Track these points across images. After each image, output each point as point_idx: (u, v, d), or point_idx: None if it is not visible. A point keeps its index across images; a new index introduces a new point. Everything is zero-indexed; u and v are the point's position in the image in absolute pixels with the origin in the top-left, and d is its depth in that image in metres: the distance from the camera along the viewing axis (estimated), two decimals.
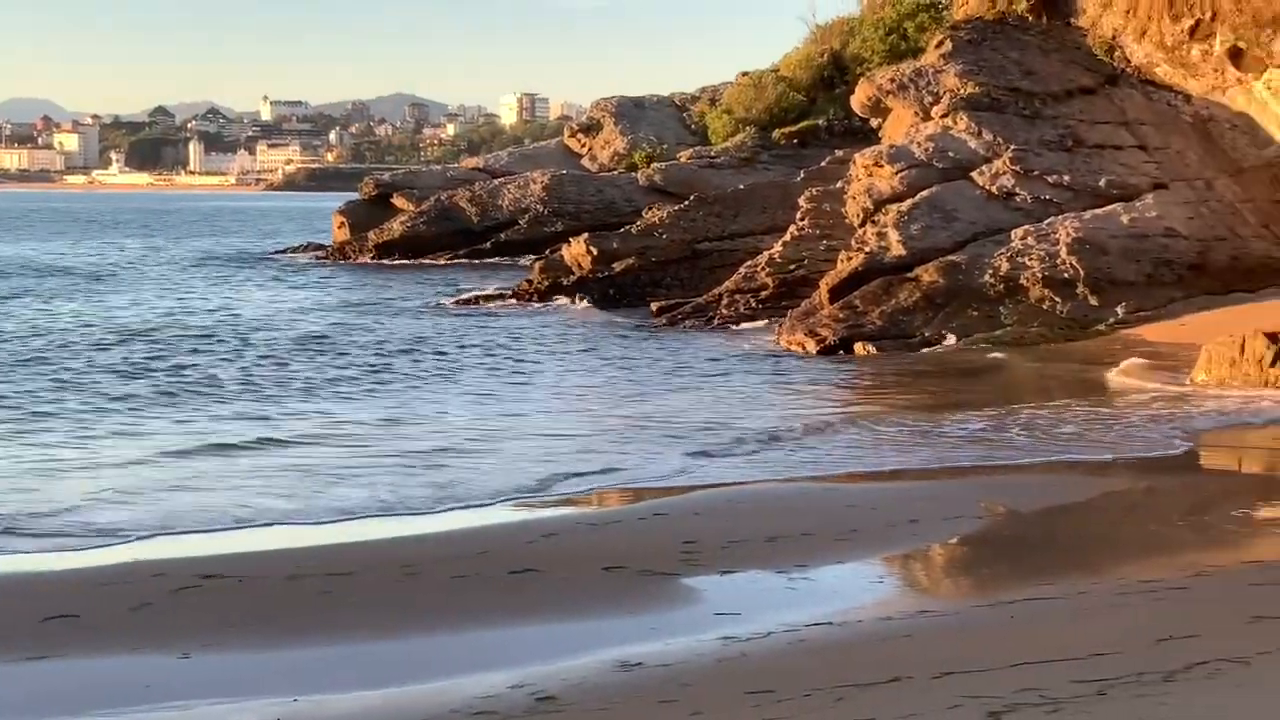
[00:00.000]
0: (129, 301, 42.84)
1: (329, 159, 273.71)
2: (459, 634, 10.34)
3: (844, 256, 32.46)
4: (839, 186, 37.04)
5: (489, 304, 40.44)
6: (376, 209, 64.00)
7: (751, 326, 33.40)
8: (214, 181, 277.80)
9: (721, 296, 35.83)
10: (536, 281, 41.91)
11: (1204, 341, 24.89)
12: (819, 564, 12.35)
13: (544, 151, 73.79)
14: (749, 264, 37.02)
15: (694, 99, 69.97)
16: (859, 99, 39.97)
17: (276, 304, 41.87)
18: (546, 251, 48.15)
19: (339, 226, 64.74)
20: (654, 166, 57.36)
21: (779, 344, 30.26)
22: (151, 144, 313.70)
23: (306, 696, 8.83)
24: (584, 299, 40.17)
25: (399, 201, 63.49)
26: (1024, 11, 38.22)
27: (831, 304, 31.26)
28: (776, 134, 55.59)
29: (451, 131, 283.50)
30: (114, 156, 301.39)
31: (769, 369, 27.33)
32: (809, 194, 37.83)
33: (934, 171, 34.29)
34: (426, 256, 57.97)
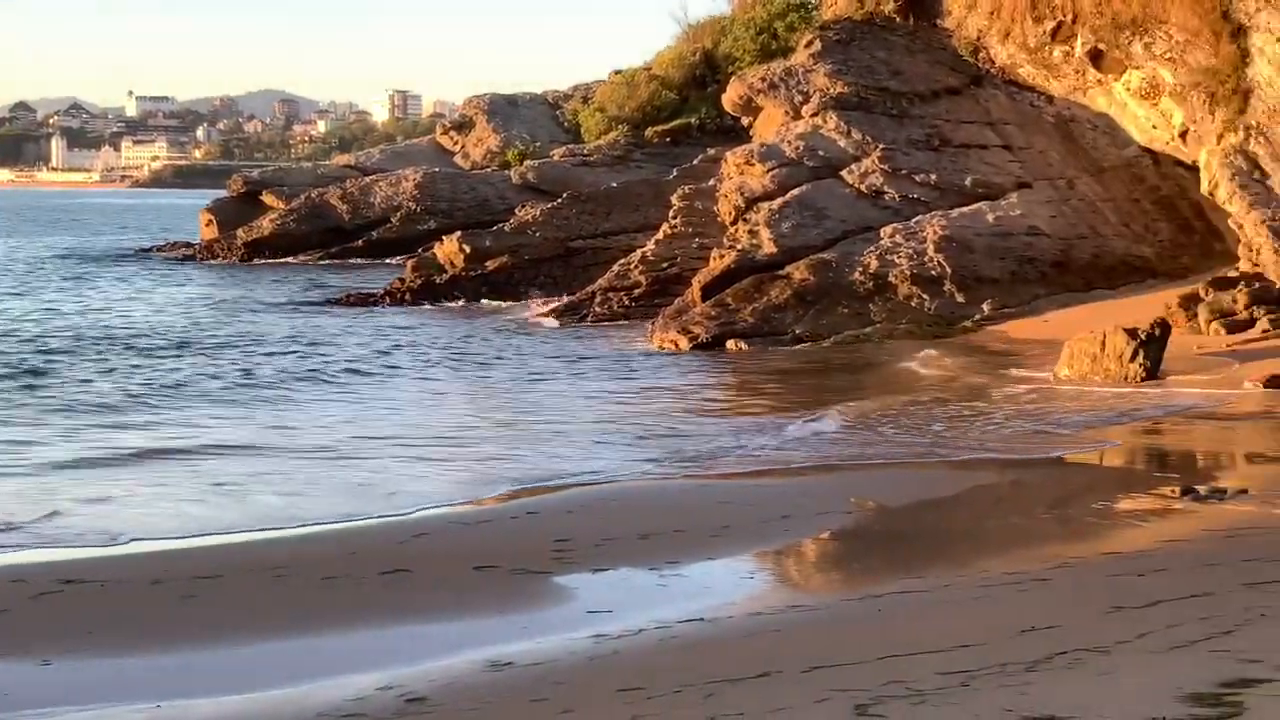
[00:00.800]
0: None
1: (197, 156, 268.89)
2: (327, 636, 10.22)
3: (716, 254, 32.64)
4: (711, 185, 37.23)
5: (362, 303, 40.01)
6: (245, 207, 63.04)
7: (625, 324, 33.46)
8: (78, 178, 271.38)
9: (595, 294, 35.85)
10: (409, 280, 41.58)
11: (1066, 338, 25.41)
12: (691, 560, 12.39)
13: (416, 149, 73.29)
14: (622, 262, 37.09)
15: (567, 97, 69.99)
16: (730, 98, 40.21)
17: (139, 303, 41.02)
18: (419, 250, 47.87)
19: (207, 225, 63.67)
20: (527, 164, 57.26)
21: (652, 341, 30.34)
22: (12, 140, 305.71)
23: (170, 702, 8.68)
24: (457, 297, 39.98)
25: (268, 199, 62.62)
26: (891, 12, 38.71)
27: (704, 302, 31.42)
28: (649, 132, 55.75)
29: (323, 128, 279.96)
30: None
31: (642, 366, 27.39)
32: (681, 192, 37.98)
33: (804, 170, 34.60)
34: (297, 255, 57.25)
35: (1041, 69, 35.74)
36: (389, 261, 53.45)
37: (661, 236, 36.89)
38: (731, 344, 29.49)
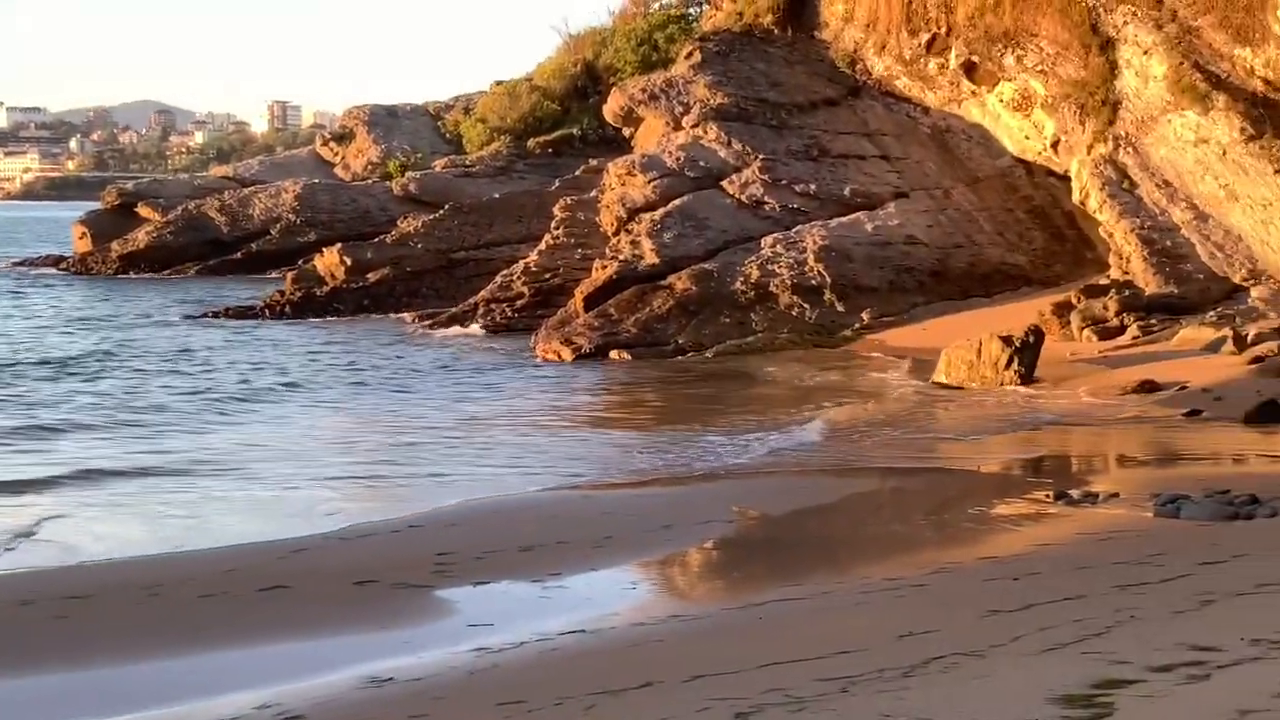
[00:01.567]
0: None
1: (70, 167, 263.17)
2: (204, 655, 10.04)
3: (599, 265, 32.68)
4: (593, 195, 37.30)
5: (241, 316, 39.43)
6: (120, 219, 61.82)
7: (508, 335, 33.36)
8: None
9: (477, 306, 35.73)
10: (289, 293, 41.12)
11: (944, 345, 25.77)
12: (573, 572, 12.37)
13: (296, 160, 72.58)
14: (505, 273, 37.02)
15: (448, 108, 69.72)
16: (611, 108, 40.34)
17: (8, 318, 40.08)
18: (299, 262, 47.38)
19: (80, 237, 62.37)
20: (408, 175, 56.91)
21: (535, 352, 30.28)
22: None
23: None
24: (338, 310, 39.62)
25: (144, 211, 61.48)
26: (769, 24, 39.07)
27: (586, 312, 31.44)
28: (531, 143, 55.72)
29: (200, 139, 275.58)
30: None
31: (524, 377, 27.36)
32: (564, 203, 38.00)
33: (686, 180, 34.79)
34: (174, 268, 56.31)
35: (917, 81, 36.27)
36: (269, 274, 52.78)
37: (544, 247, 36.86)
38: (615, 354, 29.54)
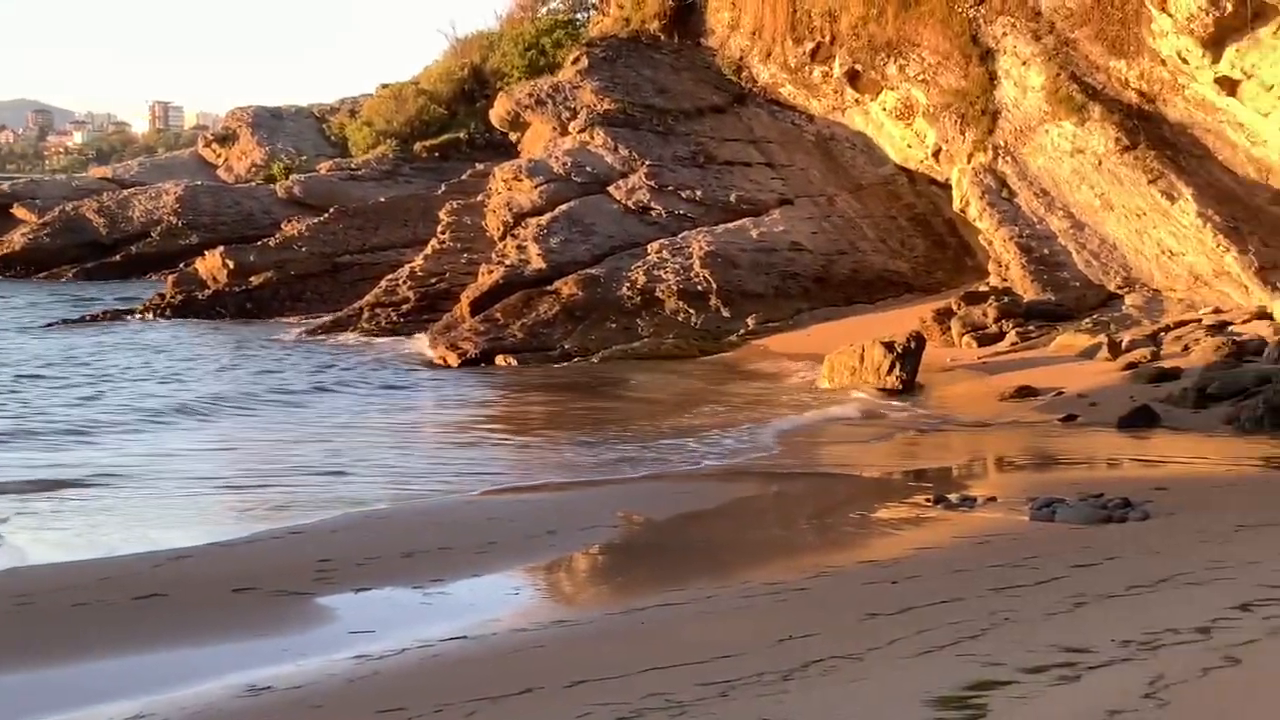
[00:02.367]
0: None
1: None
2: (76, 665, 9.83)
3: (485, 269, 32.59)
4: (480, 200, 37.18)
5: (118, 319, 38.75)
6: None
7: (393, 340, 33.13)
8: None
9: (363, 310, 35.44)
10: (170, 295, 40.49)
11: (827, 351, 26.03)
12: (456, 578, 12.31)
13: (178, 162, 71.59)
14: (390, 277, 36.76)
15: (334, 110, 69.16)
16: (498, 113, 40.25)
17: None
18: (181, 265, 46.70)
19: None
20: (293, 178, 56.36)
21: (420, 357, 30.11)
22: None
23: None
24: (220, 314, 39.09)
25: (19, 212, 60.22)
26: (656, 30, 39.22)
27: (473, 317, 31.33)
28: (418, 147, 55.45)
29: (79, 140, 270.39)
30: None
31: (409, 382, 27.17)
32: (450, 207, 37.82)
33: (572, 186, 34.80)
34: (50, 270, 55.17)
35: (802, 89, 36.60)
36: (149, 277, 51.96)
37: (430, 252, 36.67)
38: (501, 359, 29.46)
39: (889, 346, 24.63)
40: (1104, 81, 29.96)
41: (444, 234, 36.81)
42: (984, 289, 30.63)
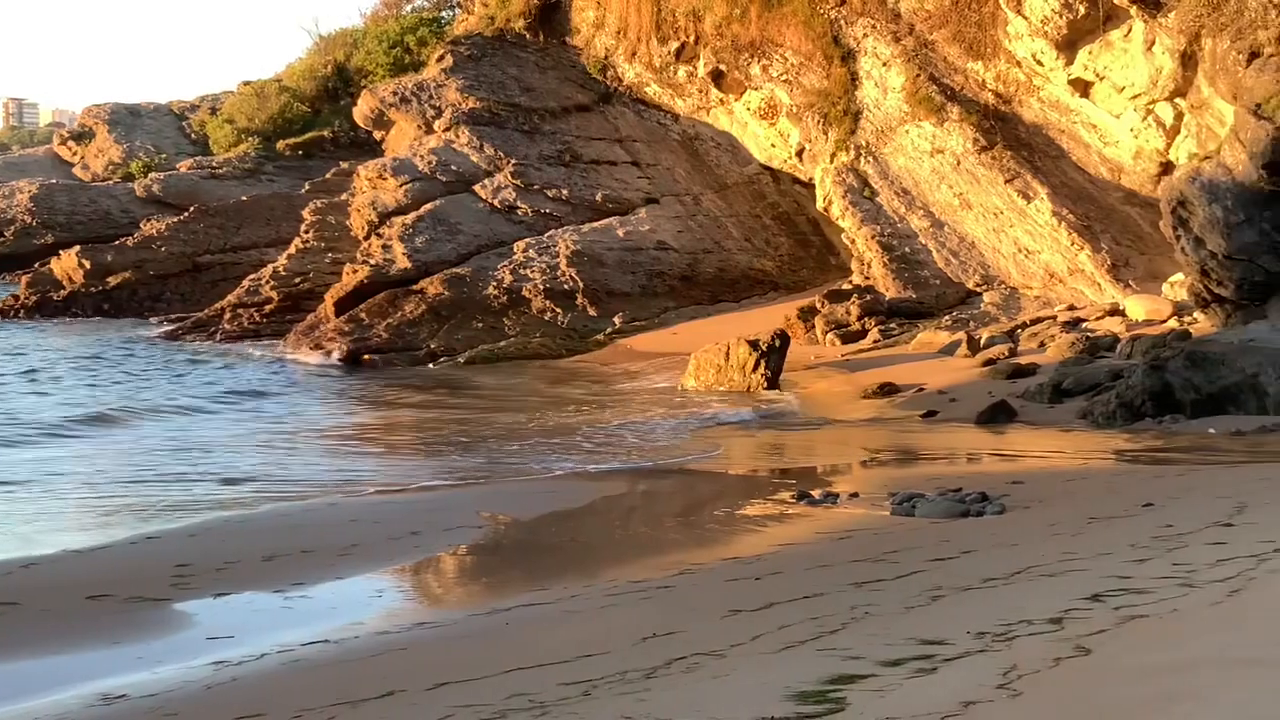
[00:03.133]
0: None
1: None
2: None
3: (349, 269, 32.27)
4: (344, 199, 36.82)
5: None
6: None
7: (255, 341, 32.68)
8: None
9: (225, 310, 34.93)
10: (23, 297, 39.55)
11: (693, 349, 26.15)
12: (318, 581, 12.15)
13: (32, 160, 69.86)
14: (253, 277, 36.27)
15: (194, 108, 67.86)
16: (362, 111, 39.87)
17: None
18: (35, 265, 45.60)
19: None
20: (152, 176, 55.25)
21: (283, 358, 29.72)
22: None
23: None
24: (76, 315, 38.26)
25: None
26: (521, 29, 39.11)
27: (337, 317, 31.02)
28: (281, 145, 54.67)
29: None
30: None
31: (272, 384, 26.80)
32: (313, 206, 37.42)
33: (438, 184, 34.60)
34: None
35: (667, 88, 36.75)
36: (3, 278, 50.62)
37: (294, 251, 36.24)
38: (366, 359, 29.20)
39: (754, 345, 24.81)
40: (962, 83, 30.49)
41: (308, 233, 36.40)
42: (847, 287, 31.00)
